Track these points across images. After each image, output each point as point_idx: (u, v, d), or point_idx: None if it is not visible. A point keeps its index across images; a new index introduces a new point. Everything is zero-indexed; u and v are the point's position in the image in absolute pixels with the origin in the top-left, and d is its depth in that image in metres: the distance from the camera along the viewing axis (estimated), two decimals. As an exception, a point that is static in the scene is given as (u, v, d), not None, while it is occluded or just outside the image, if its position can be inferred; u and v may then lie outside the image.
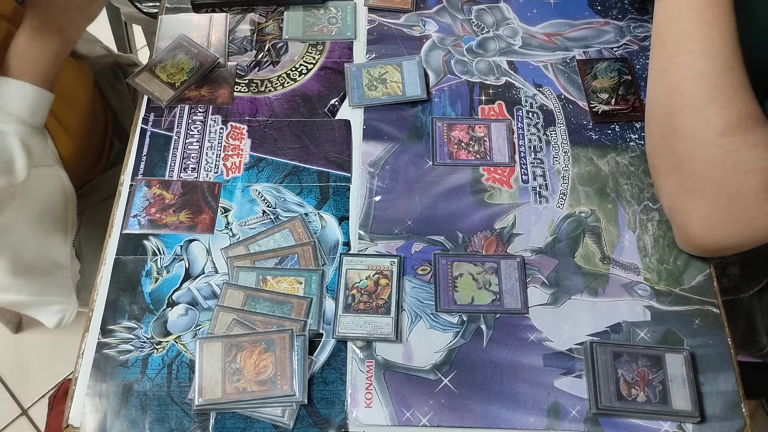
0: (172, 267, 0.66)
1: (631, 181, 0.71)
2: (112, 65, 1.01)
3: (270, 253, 0.66)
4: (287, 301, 0.64)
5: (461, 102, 0.77)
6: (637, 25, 0.83)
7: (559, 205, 0.70)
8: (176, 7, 0.85)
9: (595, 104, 0.76)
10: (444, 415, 0.59)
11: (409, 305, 0.64)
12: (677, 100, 0.59)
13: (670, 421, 0.58)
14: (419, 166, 0.72)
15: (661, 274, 0.66)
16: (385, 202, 0.70)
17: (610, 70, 0.79)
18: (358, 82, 0.78)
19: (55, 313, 0.88)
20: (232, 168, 0.72)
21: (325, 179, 0.71)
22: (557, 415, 0.59)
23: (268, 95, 0.78)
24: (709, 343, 0.62)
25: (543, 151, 0.73)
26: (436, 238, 0.68)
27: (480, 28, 0.83)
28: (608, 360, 0.60)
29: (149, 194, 0.70)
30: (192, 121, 0.75)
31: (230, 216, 0.69)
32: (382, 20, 0.84)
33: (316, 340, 0.62)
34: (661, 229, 0.68)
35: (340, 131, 0.75)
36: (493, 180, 0.71)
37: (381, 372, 0.61)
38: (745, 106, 0.56)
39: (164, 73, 0.78)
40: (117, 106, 1.01)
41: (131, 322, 0.63)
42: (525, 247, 0.67)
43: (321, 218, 0.69)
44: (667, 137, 0.61)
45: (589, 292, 0.65)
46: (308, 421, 0.58)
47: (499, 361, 0.61)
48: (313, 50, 0.82)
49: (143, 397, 0.59)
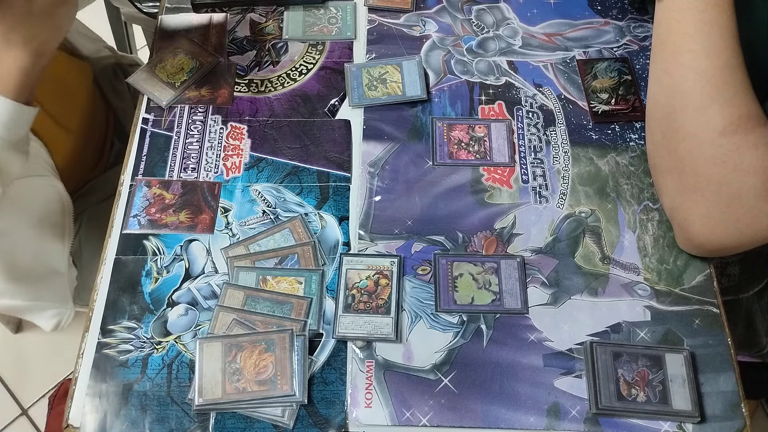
0: (172, 267, 0.66)
1: (631, 181, 0.71)
2: (112, 65, 1.01)
3: (270, 253, 0.66)
4: (287, 301, 0.63)
5: (461, 102, 0.77)
6: (637, 25, 0.83)
7: (559, 205, 0.70)
8: (176, 7, 0.85)
9: (595, 104, 0.76)
10: (444, 415, 0.59)
11: (409, 305, 0.64)
12: (678, 100, 0.59)
13: (670, 421, 0.58)
14: (419, 166, 0.72)
15: (661, 274, 0.66)
16: (385, 202, 0.70)
17: (610, 70, 0.79)
18: (358, 82, 0.78)
19: (52, 318, 0.88)
20: (232, 168, 0.72)
21: (325, 179, 0.71)
22: (557, 415, 0.59)
23: (268, 95, 0.78)
24: (709, 343, 0.62)
25: (543, 151, 0.73)
26: (436, 238, 0.68)
27: (480, 28, 0.83)
28: (608, 360, 0.60)
29: (149, 194, 0.70)
30: (192, 121, 0.75)
31: (230, 216, 0.69)
32: (382, 20, 0.84)
33: (316, 340, 0.62)
34: (661, 229, 0.68)
35: (340, 131, 0.75)
36: (493, 180, 0.71)
37: (381, 372, 0.61)
38: (746, 105, 0.56)
39: (164, 73, 0.78)
40: (117, 105, 1.01)
41: (131, 322, 0.63)
42: (525, 247, 0.67)
43: (321, 218, 0.69)
44: (667, 137, 0.61)
45: (589, 292, 0.65)
46: (308, 421, 0.58)
47: (499, 361, 0.61)
48: (313, 50, 0.82)
49: (143, 397, 0.59)
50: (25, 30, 0.61)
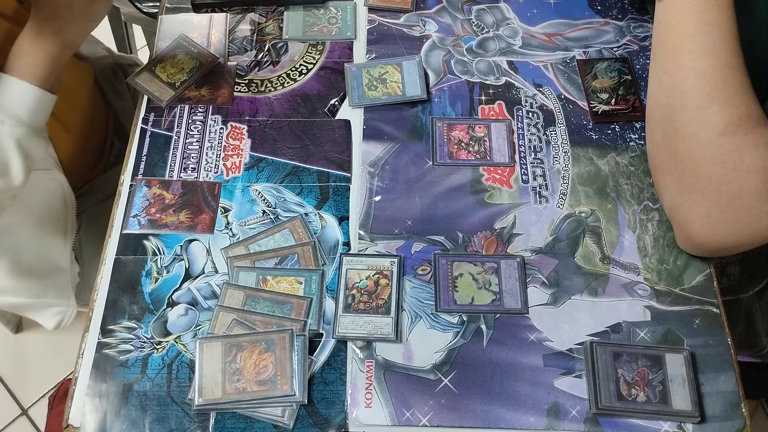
0: (172, 267, 0.66)
1: (631, 181, 0.71)
2: (112, 65, 1.01)
3: (270, 253, 0.66)
4: (287, 301, 0.63)
5: (461, 102, 0.77)
6: (637, 25, 0.83)
7: (559, 205, 0.70)
8: (176, 7, 0.85)
9: (595, 104, 0.76)
10: (444, 415, 0.59)
11: (409, 305, 0.64)
12: (678, 100, 0.59)
13: (670, 421, 0.58)
14: (419, 166, 0.72)
15: (661, 274, 0.66)
16: (385, 202, 0.70)
17: (610, 70, 0.79)
18: (358, 82, 0.78)
19: (54, 315, 0.88)
20: (232, 168, 0.72)
21: (325, 179, 0.71)
22: (557, 415, 0.59)
23: (268, 95, 0.78)
24: (709, 343, 0.62)
25: (543, 151, 0.73)
26: (436, 238, 0.68)
27: (480, 28, 0.83)
28: (608, 360, 0.60)
29: (149, 194, 0.70)
30: (192, 121, 0.75)
31: (230, 216, 0.69)
32: (382, 20, 0.84)
33: (316, 340, 0.62)
34: (661, 229, 0.68)
35: (340, 131, 0.75)
36: (493, 180, 0.71)
37: (381, 372, 0.61)
38: (746, 105, 0.56)
39: (164, 73, 0.78)
40: (117, 105, 1.01)
41: (131, 322, 0.63)
42: (525, 247, 0.67)
43: (321, 218, 0.69)
44: (668, 137, 0.61)
45: (589, 292, 0.65)
46: (308, 421, 0.58)
47: (499, 361, 0.61)
48: (313, 50, 0.82)
49: (143, 397, 0.59)
50: (59, 21, 0.63)
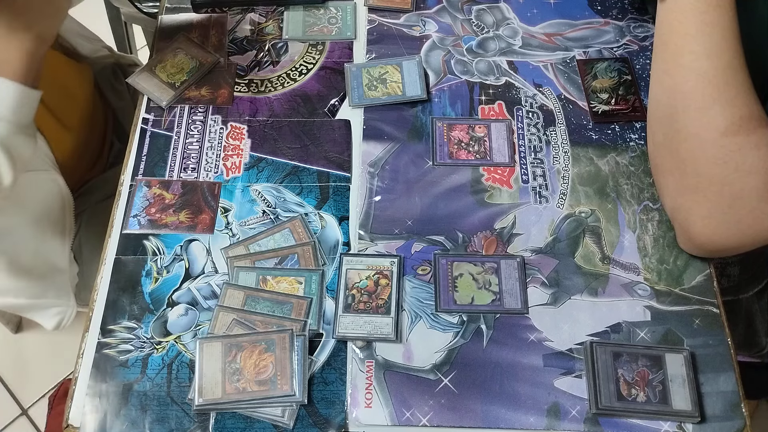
0: (172, 267, 0.66)
1: (631, 181, 0.71)
2: (112, 65, 1.01)
3: (270, 253, 0.66)
4: (287, 301, 0.63)
5: (461, 102, 0.77)
6: (637, 25, 0.83)
7: (559, 205, 0.70)
8: (176, 7, 0.85)
9: (595, 104, 0.76)
10: (444, 415, 0.59)
11: (409, 305, 0.64)
12: (679, 101, 0.59)
13: (670, 421, 0.58)
14: (419, 166, 0.72)
15: (661, 274, 0.66)
16: (385, 202, 0.70)
17: (610, 70, 0.79)
18: (358, 82, 0.78)
19: (54, 316, 0.88)
20: (232, 168, 0.72)
21: (325, 179, 0.71)
22: (557, 415, 0.59)
23: (268, 95, 0.78)
24: (709, 343, 0.62)
25: (543, 151, 0.73)
26: (436, 238, 0.68)
27: (480, 28, 0.83)
28: (608, 360, 0.60)
29: (149, 194, 0.70)
30: (192, 121, 0.75)
31: (230, 216, 0.69)
32: (382, 20, 0.84)
33: (316, 340, 0.62)
34: (661, 229, 0.68)
35: (340, 131, 0.75)
36: (493, 180, 0.71)
37: (381, 372, 0.61)
38: (748, 106, 0.56)
39: (164, 73, 0.78)
40: (117, 105, 1.00)
41: (131, 322, 0.63)
42: (525, 247, 0.67)
43: (321, 218, 0.69)
44: (669, 137, 0.61)
45: (589, 292, 0.65)
46: (308, 421, 0.58)
47: (499, 361, 0.61)
48: (313, 50, 0.82)
49: (143, 397, 0.59)
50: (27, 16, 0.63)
